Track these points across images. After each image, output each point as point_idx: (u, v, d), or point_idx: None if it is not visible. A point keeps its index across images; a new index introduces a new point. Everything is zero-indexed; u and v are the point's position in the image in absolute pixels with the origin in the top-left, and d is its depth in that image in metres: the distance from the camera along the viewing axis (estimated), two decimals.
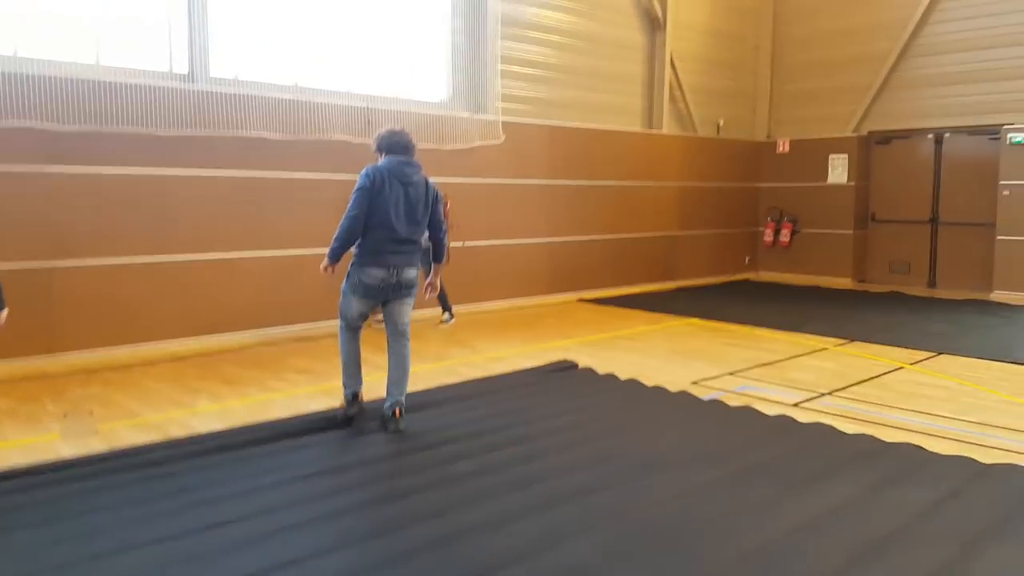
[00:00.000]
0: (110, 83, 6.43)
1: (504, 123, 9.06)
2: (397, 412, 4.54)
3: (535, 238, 9.85)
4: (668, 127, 11.57)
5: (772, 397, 5.40)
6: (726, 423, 4.79)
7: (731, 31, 12.57)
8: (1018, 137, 10.18)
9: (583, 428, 4.64)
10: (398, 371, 4.65)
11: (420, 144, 8.20)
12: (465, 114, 8.95)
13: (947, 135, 11.21)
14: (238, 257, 7.33)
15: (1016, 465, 4.00)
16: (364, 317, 4.71)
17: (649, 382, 5.76)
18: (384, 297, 4.60)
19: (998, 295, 10.28)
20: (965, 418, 4.92)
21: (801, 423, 4.75)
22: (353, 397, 4.71)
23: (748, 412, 5.00)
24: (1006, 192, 10.31)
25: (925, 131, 11.39)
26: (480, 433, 4.52)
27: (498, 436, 4.47)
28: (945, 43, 10.99)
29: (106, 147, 6.48)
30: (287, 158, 7.57)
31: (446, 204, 8.64)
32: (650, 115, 11.46)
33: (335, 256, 4.54)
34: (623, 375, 5.95)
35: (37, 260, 6.23)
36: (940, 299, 10.31)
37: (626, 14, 10.90)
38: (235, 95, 7.14)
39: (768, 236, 12.92)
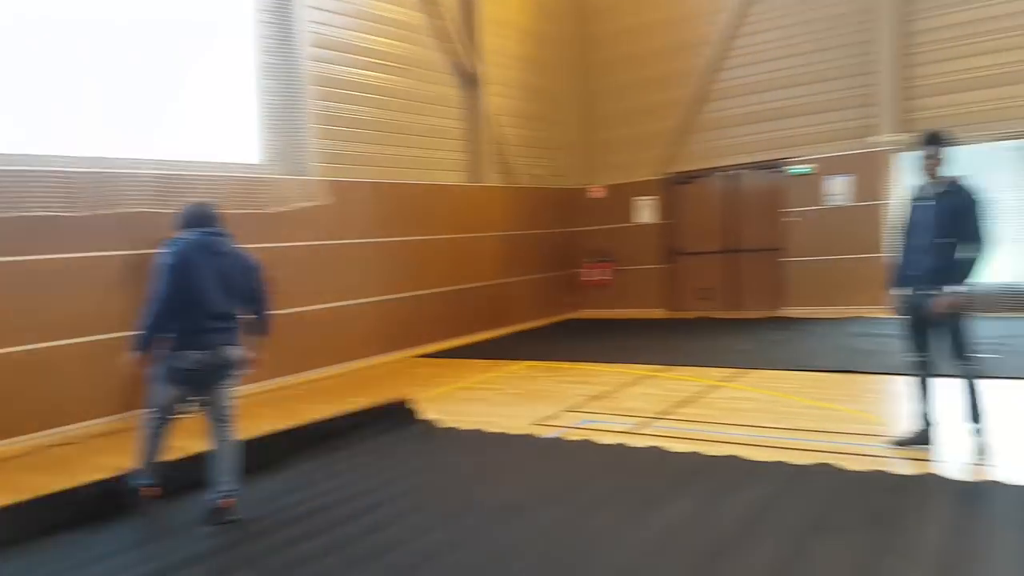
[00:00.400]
0: None
1: (326, 183, 8.94)
2: (228, 502, 4.17)
3: (366, 297, 9.70)
4: (489, 179, 11.96)
5: (608, 428, 5.64)
6: (567, 459, 4.94)
7: (544, 86, 13.30)
8: (798, 168, 11.55)
9: (430, 487, 4.57)
10: (227, 459, 4.29)
11: (237, 209, 8.00)
12: (283, 176, 8.73)
13: (737, 171, 12.47)
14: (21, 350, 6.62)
15: (826, 464, 4.42)
16: (176, 406, 4.31)
17: (491, 429, 5.81)
18: (204, 382, 4.25)
19: (789, 311, 11.47)
20: (777, 425, 5.41)
21: (635, 448, 4.99)
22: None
23: (586, 445, 5.19)
24: (792, 219, 11.61)
25: (719, 169, 12.61)
26: (322, 509, 4.29)
27: (343, 509, 4.27)
28: (732, 88, 12.29)
29: None
30: (90, 236, 6.96)
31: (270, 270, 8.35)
32: (472, 168, 11.80)
33: (144, 343, 4.15)
34: (465, 426, 5.97)
35: None
36: (743, 319, 11.33)
37: (441, 71, 11.20)
38: (14, 171, 6.49)
39: (588, 276, 13.64)
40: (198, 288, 4.18)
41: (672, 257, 13.17)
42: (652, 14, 12.99)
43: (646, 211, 13.14)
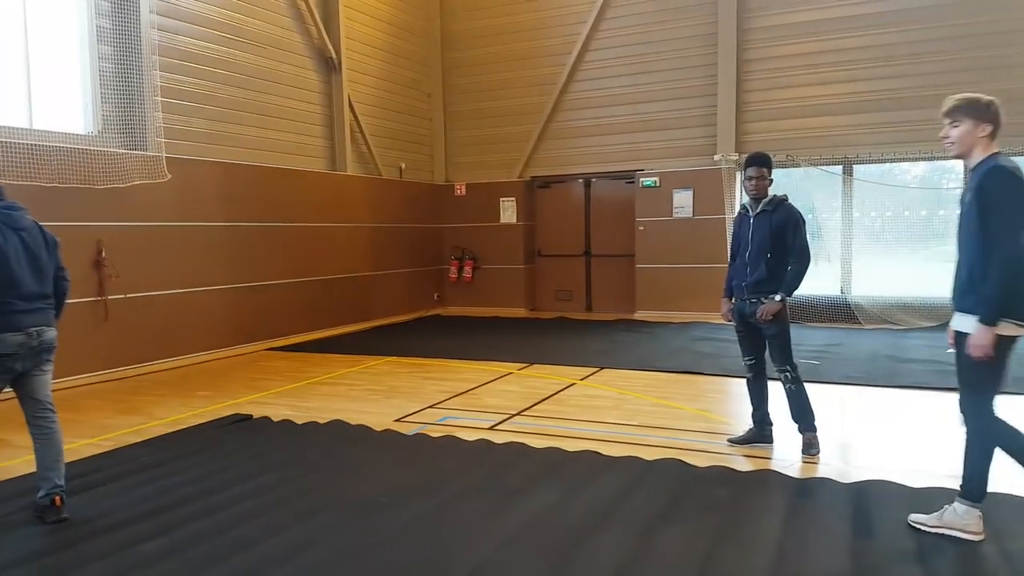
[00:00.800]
0: None
1: (168, 159, 8.34)
2: (58, 500, 3.84)
3: (212, 285, 9.14)
4: (352, 168, 11.68)
5: (470, 424, 5.66)
6: (431, 455, 4.90)
7: (405, 78, 13.15)
8: (648, 181, 12.13)
9: (288, 484, 4.36)
10: (52, 452, 3.93)
11: (67, 183, 7.31)
12: (120, 149, 8.07)
13: (594, 180, 12.94)
14: None
15: (674, 459, 4.68)
16: None
17: (353, 422, 5.70)
18: (22, 367, 3.85)
19: (640, 314, 12.06)
20: (629, 422, 5.66)
21: (497, 444, 5.05)
22: None
23: (450, 441, 5.18)
24: (641, 228, 12.20)
25: (576, 176, 13.03)
26: (166, 507, 4.00)
27: (189, 507, 3.99)
28: (587, 99, 12.71)
29: None
30: None
31: (100, 251, 7.72)
32: (333, 156, 11.47)
33: None
34: (324, 421, 5.81)
35: None
36: (597, 321, 11.78)
37: (300, 54, 10.79)
38: None
39: (453, 273, 13.65)
40: (6, 267, 3.77)
41: (533, 258, 13.48)
42: (510, 18, 13.20)
43: (509, 212, 13.36)
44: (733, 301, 4.96)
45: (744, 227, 4.90)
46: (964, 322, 3.33)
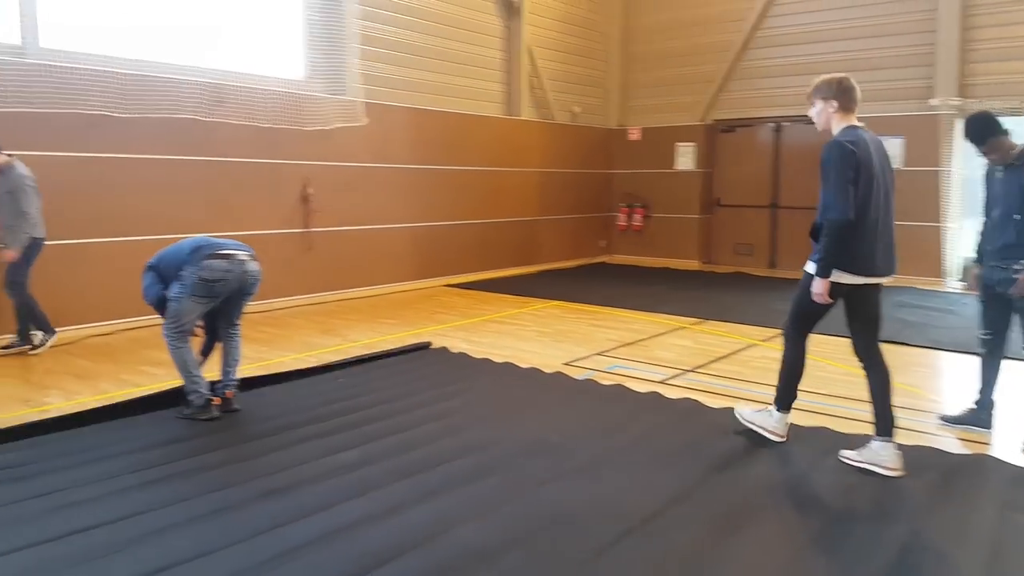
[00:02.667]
0: None
1: (366, 105, 8.77)
2: (229, 393, 4.57)
3: (399, 223, 9.66)
4: (527, 113, 11.68)
5: (640, 375, 5.58)
6: (601, 402, 4.90)
7: (584, 19, 12.86)
8: None
9: (464, 412, 4.60)
10: (232, 356, 4.67)
11: (279, 124, 7.91)
12: (324, 94, 8.57)
13: (786, 125, 12.08)
14: (85, 243, 6.69)
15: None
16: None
17: (523, 364, 5.79)
18: (225, 290, 4.47)
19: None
20: (818, 391, 5.29)
21: (670, 399, 4.94)
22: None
23: (620, 390, 5.15)
24: None
25: (766, 120, 12.22)
26: (362, 422, 4.38)
27: (380, 424, 4.35)
28: (782, 36, 11.81)
29: None
30: (132, 137, 6.93)
31: (307, 187, 8.31)
32: (510, 101, 11.52)
33: None
34: (497, 358, 5.95)
35: None
36: (781, 279, 11.11)
37: None
38: (71, 68, 6.48)
39: (622, 221, 13.42)
40: None
41: (710, 208, 12.91)
42: None
43: (686, 158, 12.83)
44: (979, 266, 4.45)
45: (992, 184, 4.37)
46: None
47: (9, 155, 5.78)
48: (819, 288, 3.83)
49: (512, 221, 11.47)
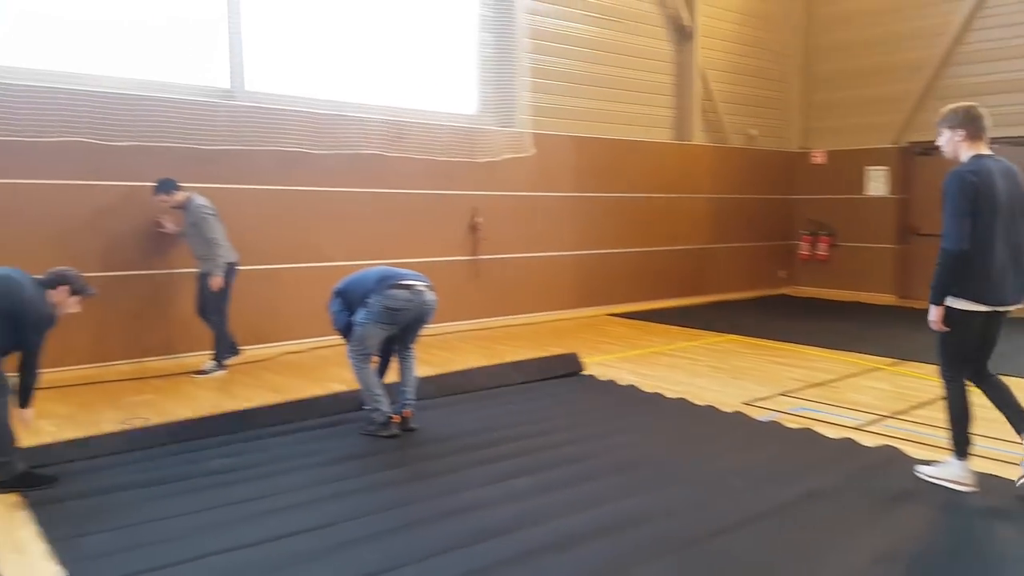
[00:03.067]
0: (153, 97, 6.44)
1: (532, 135, 8.91)
2: (407, 412, 4.71)
3: (563, 251, 9.65)
4: (698, 137, 11.34)
5: (831, 420, 5.11)
6: (787, 446, 4.52)
7: (759, 40, 12.31)
8: None
9: (637, 448, 4.42)
10: (410, 377, 4.84)
11: (452, 157, 8.23)
12: (494, 127, 8.80)
13: (994, 147, 10.83)
14: (280, 268, 7.27)
15: None
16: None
17: (698, 401, 5.50)
18: (404, 321, 4.72)
19: None
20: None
21: (866, 447, 4.47)
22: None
23: (809, 435, 4.73)
24: None
25: None
26: (535, 449, 4.35)
27: (552, 453, 4.29)
28: (987, 52, 10.66)
29: (148, 161, 6.40)
30: (323, 172, 7.46)
31: (475, 217, 8.52)
32: (680, 125, 11.24)
33: None
34: (669, 393, 5.71)
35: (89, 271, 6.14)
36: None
37: (653, 24, 10.71)
38: (274, 109, 7.09)
39: (804, 250, 12.59)
40: None
41: (906, 237, 11.80)
42: None
43: (878, 183, 11.85)
44: None
45: None
46: None
47: (180, 188, 6.21)
48: (933, 315, 3.77)
49: (682, 249, 11.12)
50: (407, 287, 4.57)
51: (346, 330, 4.71)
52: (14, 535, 3.22)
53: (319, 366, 6.63)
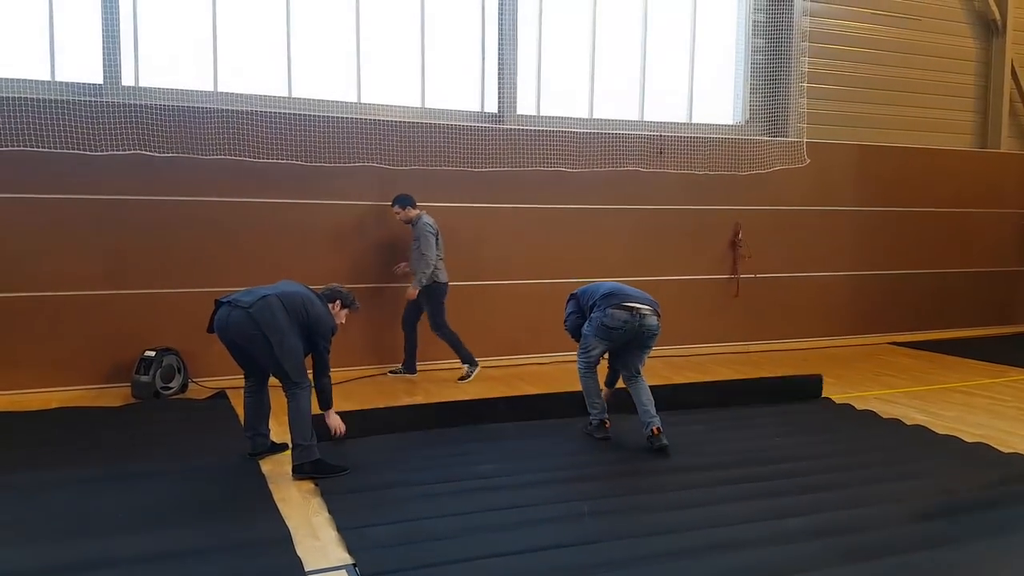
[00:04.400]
0: (434, 125, 7.05)
1: (808, 144, 8.31)
2: (656, 430, 4.64)
3: (840, 270, 8.87)
4: (1007, 145, 9.84)
5: None
6: None
7: None
8: None
9: (924, 496, 3.90)
10: (644, 398, 4.81)
11: (714, 170, 7.95)
12: (763, 137, 8.37)
13: None
14: (544, 283, 7.57)
15: None
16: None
17: (1003, 448, 4.74)
18: (622, 340, 4.84)
19: None
20: None
21: None
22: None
23: None
24: None
25: None
26: (808, 488, 4.04)
27: (828, 495, 3.93)
28: None
29: (429, 183, 7.01)
30: (584, 190, 7.63)
31: (737, 233, 8.13)
32: (984, 131, 9.84)
33: None
34: (967, 437, 4.98)
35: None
36: None
37: (954, 20, 9.49)
38: (537, 132, 7.41)
39: None
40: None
41: None
42: None
43: None
44: None
45: None
46: None
47: (415, 206, 6.62)
48: None
49: (982, 272, 9.68)
50: (628, 309, 4.68)
51: (575, 331, 4.99)
52: (310, 520, 3.60)
53: (562, 376, 6.71)
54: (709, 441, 4.89)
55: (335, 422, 4.53)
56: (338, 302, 4.51)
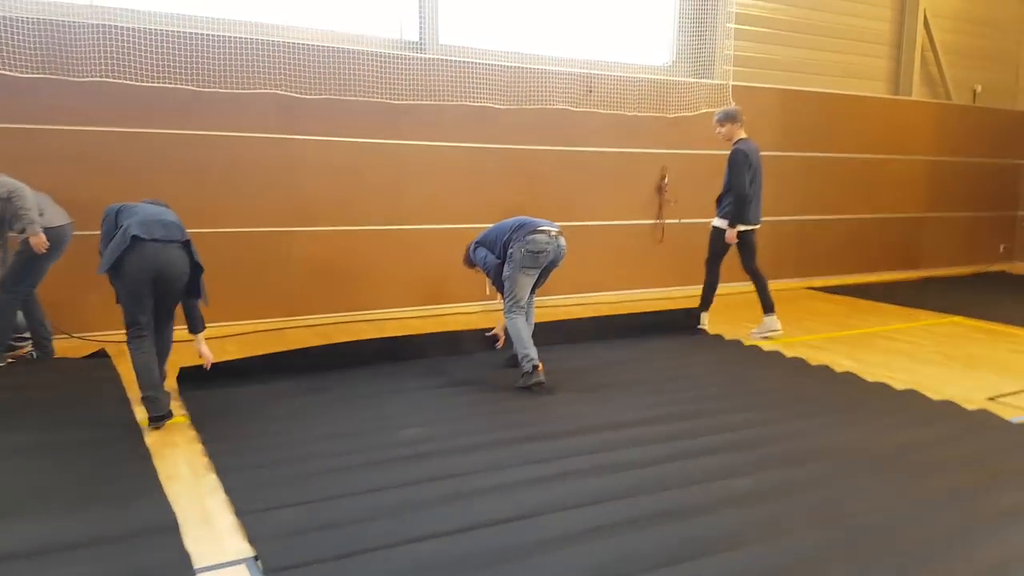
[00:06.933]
0: (345, 51, 6.32)
1: (732, 87, 8.07)
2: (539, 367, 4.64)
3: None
4: (917, 93, 9.95)
5: None
6: None
7: None
8: None
9: (865, 454, 3.71)
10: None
11: (642, 111, 7.62)
12: (690, 79, 8.07)
13: None
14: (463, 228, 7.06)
15: None
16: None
17: (932, 395, 4.69)
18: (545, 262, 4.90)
19: None
20: None
21: None
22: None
23: None
24: None
25: None
26: (754, 443, 3.79)
27: (772, 450, 3.69)
28: None
29: (339, 115, 6.35)
30: (510, 128, 7.13)
31: (663, 177, 7.88)
32: (897, 79, 9.90)
33: None
34: (896, 384, 4.92)
35: (278, 226, 6.32)
36: None
37: None
38: (462, 63, 6.83)
39: None
40: None
41: None
42: None
43: None
44: None
45: None
46: None
47: None
48: None
49: (892, 218, 9.87)
50: (545, 231, 4.76)
51: (498, 273, 4.91)
52: (203, 503, 3.06)
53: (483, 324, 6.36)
54: (636, 394, 4.62)
55: (207, 351, 4.33)
56: None
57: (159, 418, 3.86)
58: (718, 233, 6.35)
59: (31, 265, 4.68)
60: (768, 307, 6.38)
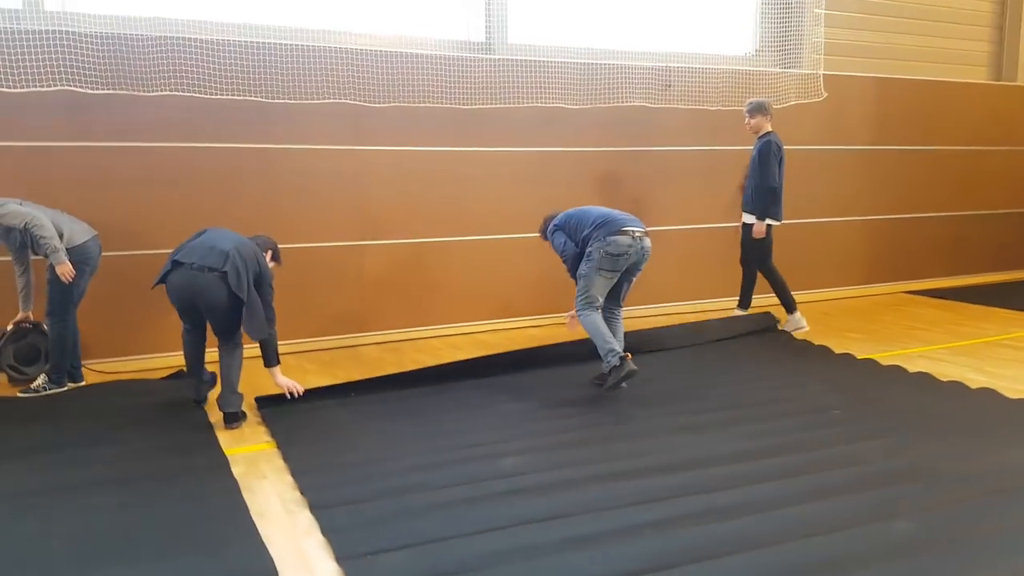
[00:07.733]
0: (410, 55, 6.06)
1: (824, 77, 7.53)
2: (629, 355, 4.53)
3: (854, 215, 8.21)
4: (1023, 78, 9.21)
5: None
6: None
7: None
8: None
9: (996, 483, 3.25)
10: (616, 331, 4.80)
11: (723, 106, 7.16)
12: (776, 69, 7.57)
13: None
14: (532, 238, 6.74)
15: None
16: None
17: None
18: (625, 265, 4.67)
19: None
20: None
21: None
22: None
23: None
24: None
25: None
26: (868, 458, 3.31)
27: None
28: None
29: (406, 123, 6.12)
30: (584, 129, 6.78)
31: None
32: (1000, 63, 9.17)
33: None
34: None
35: (350, 240, 6.11)
36: None
37: None
38: (532, 63, 6.50)
39: None
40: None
41: None
42: None
43: None
44: None
45: None
46: None
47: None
48: None
49: (998, 214, 9.13)
50: (629, 233, 4.53)
51: (576, 263, 4.68)
52: (299, 545, 2.81)
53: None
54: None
55: (286, 382, 4.28)
56: (270, 252, 4.44)
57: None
58: (752, 230, 6.21)
59: (68, 290, 4.55)
60: (790, 306, 6.31)
